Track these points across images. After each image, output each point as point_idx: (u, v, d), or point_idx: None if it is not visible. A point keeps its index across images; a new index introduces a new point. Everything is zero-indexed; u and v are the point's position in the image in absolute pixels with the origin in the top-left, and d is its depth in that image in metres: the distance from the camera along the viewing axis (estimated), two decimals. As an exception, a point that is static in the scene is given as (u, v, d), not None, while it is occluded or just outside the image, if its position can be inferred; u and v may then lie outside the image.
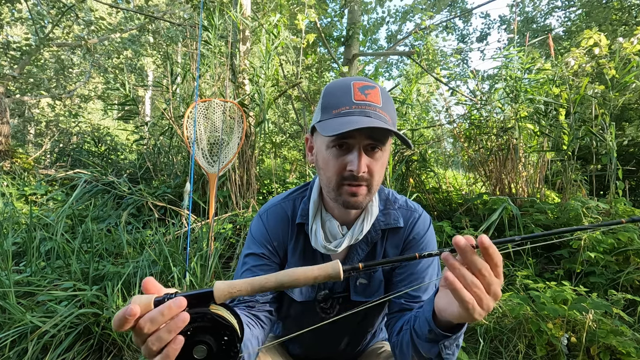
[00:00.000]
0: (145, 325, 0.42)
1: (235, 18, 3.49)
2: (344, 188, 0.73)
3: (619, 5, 6.58)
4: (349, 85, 0.72)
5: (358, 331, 0.95)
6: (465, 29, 11.25)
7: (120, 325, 0.42)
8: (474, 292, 0.49)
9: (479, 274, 0.50)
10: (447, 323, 0.59)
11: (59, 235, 2.32)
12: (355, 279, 0.85)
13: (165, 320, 0.43)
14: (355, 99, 0.70)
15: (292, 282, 0.49)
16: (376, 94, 0.71)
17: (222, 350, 0.48)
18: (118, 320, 0.42)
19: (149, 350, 0.43)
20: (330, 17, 7.84)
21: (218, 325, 0.47)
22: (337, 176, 0.72)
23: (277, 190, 3.78)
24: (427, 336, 0.63)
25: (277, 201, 0.91)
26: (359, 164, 0.69)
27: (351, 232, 0.80)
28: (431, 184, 3.95)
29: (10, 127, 5.29)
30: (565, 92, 3.09)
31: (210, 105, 2.94)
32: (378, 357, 0.95)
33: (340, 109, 0.70)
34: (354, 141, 0.70)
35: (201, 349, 0.47)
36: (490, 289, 0.50)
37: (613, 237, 2.25)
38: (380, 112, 0.70)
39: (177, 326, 0.43)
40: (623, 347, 1.50)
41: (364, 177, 0.71)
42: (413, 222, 0.86)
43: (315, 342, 0.96)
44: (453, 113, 4.17)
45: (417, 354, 0.68)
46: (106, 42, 6.58)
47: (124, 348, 1.73)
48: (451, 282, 0.50)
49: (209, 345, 0.47)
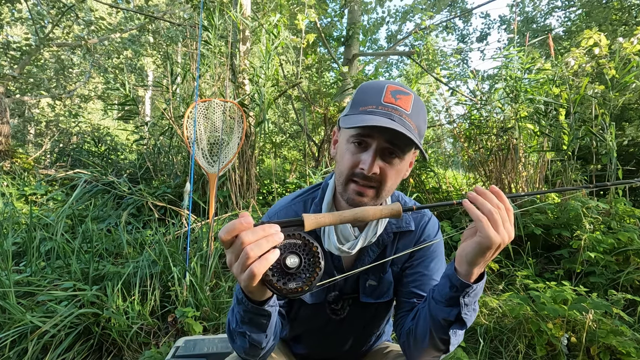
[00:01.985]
0: (247, 236, 0.49)
1: (235, 18, 3.49)
2: (352, 185, 0.73)
3: (619, 5, 6.58)
4: (383, 86, 0.71)
5: (364, 333, 0.96)
6: (465, 29, 11.24)
7: (229, 232, 0.49)
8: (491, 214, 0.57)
9: (496, 207, 0.58)
10: (468, 275, 0.63)
11: (59, 235, 2.32)
12: (365, 280, 0.85)
13: (264, 235, 0.50)
14: (384, 100, 0.69)
15: (364, 214, 0.58)
16: (407, 100, 0.70)
17: (309, 264, 0.55)
18: (231, 225, 0.50)
19: (247, 256, 0.49)
20: (330, 17, 7.84)
21: (307, 243, 0.55)
22: (349, 171, 0.72)
23: (277, 190, 3.78)
24: (448, 296, 0.65)
25: (287, 202, 0.90)
26: (370, 164, 0.69)
27: (364, 234, 0.80)
28: (431, 184, 3.95)
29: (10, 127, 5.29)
30: (565, 92, 3.09)
31: (210, 105, 2.94)
32: (385, 357, 0.96)
33: (367, 107, 0.70)
34: (372, 141, 0.70)
35: (294, 259, 0.54)
36: (504, 223, 0.58)
37: (613, 237, 2.25)
38: (407, 118, 0.69)
39: (274, 239, 0.50)
40: (623, 347, 1.50)
41: (374, 179, 0.71)
42: (423, 225, 0.88)
43: (321, 343, 0.97)
44: (453, 113, 4.17)
45: (436, 326, 0.69)
46: (106, 42, 6.58)
47: (124, 348, 1.73)
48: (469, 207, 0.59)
49: (300, 257, 0.54)
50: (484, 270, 0.64)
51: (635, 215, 2.51)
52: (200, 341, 1.40)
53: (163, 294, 2.07)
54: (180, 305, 1.95)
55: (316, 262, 0.54)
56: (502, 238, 0.57)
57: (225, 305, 2.04)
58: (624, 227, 2.38)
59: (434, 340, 0.70)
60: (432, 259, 0.85)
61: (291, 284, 0.53)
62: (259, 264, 0.49)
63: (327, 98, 4.54)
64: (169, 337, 1.83)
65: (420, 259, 0.85)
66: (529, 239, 2.56)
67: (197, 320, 1.84)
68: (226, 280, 2.22)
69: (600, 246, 2.18)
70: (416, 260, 0.85)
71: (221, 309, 2.01)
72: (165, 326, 1.91)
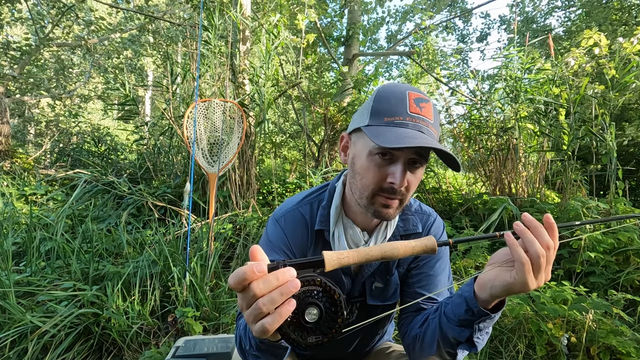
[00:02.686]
0: (258, 286, 0.44)
1: (235, 18, 3.49)
2: (379, 198, 0.71)
3: (619, 5, 6.58)
4: (404, 94, 0.69)
5: (369, 333, 0.96)
6: (465, 29, 11.24)
7: (240, 281, 0.44)
8: (537, 258, 0.51)
9: (545, 247, 0.51)
10: (487, 302, 0.59)
11: (59, 235, 2.32)
12: (372, 282, 0.85)
13: (277, 285, 0.44)
14: (410, 110, 0.67)
15: (393, 252, 0.52)
16: (429, 108, 0.69)
17: (330, 316, 0.49)
18: (241, 274, 0.44)
19: (259, 310, 0.44)
20: (330, 17, 7.84)
21: (328, 290, 0.48)
22: (376, 186, 0.70)
23: (277, 190, 3.78)
24: (462, 317, 0.63)
25: (293, 205, 0.88)
26: (402, 179, 0.67)
27: (374, 239, 0.80)
28: (431, 184, 3.95)
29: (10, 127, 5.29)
30: (565, 92, 3.09)
31: (210, 105, 2.94)
32: (387, 357, 0.96)
33: (394, 117, 0.67)
34: (401, 154, 0.68)
35: (313, 312, 0.48)
36: (547, 267, 0.52)
37: (613, 237, 2.25)
38: (431, 128, 0.68)
39: (290, 290, 0.44)
40: (623, 347, 1.50)
41: (401, 192, 0.70)
42: (429, 226, 0.88)
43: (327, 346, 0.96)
44: (453, 113, 4.17)
45: (444, 340, 0.67)
46: (106, 42, 6.58)
47: (124, 348, 1.73)
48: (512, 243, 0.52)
49: (320, 309, 0.48)
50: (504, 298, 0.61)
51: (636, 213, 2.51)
52: (200, 341, 1.40)
53: (163, 294, 2.07)
54: (180, 305, 1.95)
55: (338, 311, 0.49)
56: (539, 284, 0.52)
57: (226, 306, 2.04)
58: (624, 227, 2.37)
59: (441, 352, 0.70)
60: (438, 259, 0.85)
61: (310, 338, 0.48)
62: (272, 320, 0.44)
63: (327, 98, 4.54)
64: (169, 337, 1.83)
65: (425, 260, 0.85)
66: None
67: (197, 320, 1.84)
68: (226, 280, 2.22)
69: (600, 246, 2.18)
70: (422, 260, 0.85)
71: (221, 309, 2.01)
72: (165, 326, 1.91)
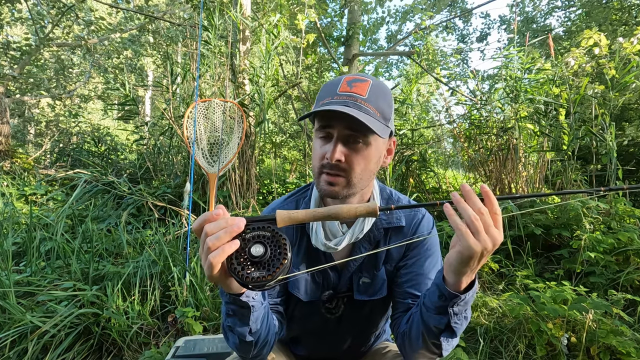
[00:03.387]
0: (209, 227, 0.52)
1: (235, 18, 3.49)
2: (323, 176, 0.74)
3: (619, 5, 6.58)
4: (340, 79, 0.74)
5: (362, 332, 0.95)
6: (465, 29, 11.25)
7: (200, 222, 0.53)
8: (471, 222, 0.54)
9: (479, 213, 0.54)
10: (454, 285, 0.61)
11: (59, 235, 2.32)
12: (359, 277, 0.85)
13: (224, 226, 0.52)
14: (339, 90, 0.72)
15: (337, 212, 0.58)
16: (364, 86, 0.72)
17: (274, 255, 0.55)
18: (202, 217, 0.53)
19: (206, 246, 0.51)
20: (330, 17, 7.83)
21: (275, 235, 0.56)
22: (318, 163, 0.75)
23: (277, 190, 3.78)
24: (437, 304, 0.64)
25: (280, 202, 0.91)
26: (332, 152, 0.70)
27: (351, 231, 0.80)
28: (431, 184, 3.95)
29: (10, 127, 5.29)
30: (565, 92, 3.09)
31: (210, 105, 2.94)
32: (383, 357, 0.95)
33: (325, 99, 0.72)
34: (333, 130, 0.71)
35: (258, 248, 0.54)
36: (488, 230, 0.54)
37: (613, 237, 2.25)
38: (363, 103, 0.70)
39: (233, 230, 0.52)
40: (623, 347, 1.50)
41: (340, 167, 0.72)
42: (417, 222, 0.86)
43: (320, 343, 0.96)
44: (453, 113, 4.17)
45: (427, 331, 0.68)
46: (106, 42, 6.58)
47: (124, 348, 1.73)
48: (449, 213, 0.55)
49: (265, 247, 0.55)
50: (474, 279, 0.62)
51: (635, 215, 2.51)
52: (200, 341, 1.40)
53: (163, 294, 2.07)
54: (180, 305, 1.95)
55: (282, 253, 0.54)
56: (485, 245, 0.53)
57: (225, 305, 2.03)
58: (624, 227, 2.38)
59: (427, 344, 0.70)
60: (427, 258, 0.84)
61: (254, 273, 0.53)
62: (216, 254, 0.50)
63: (327, 98, 4.53)
64: (169, 337, 1.83)
65: (414, 258, 0.84)
66: (529, 239, 2.56)
67: (197, 320, 1.84)
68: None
69: (600, 246, 2.18)
70: (410, 259, 0.84)
71: (221, 309, 2.01)
72: (165, 326, 1.91)
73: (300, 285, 0.85)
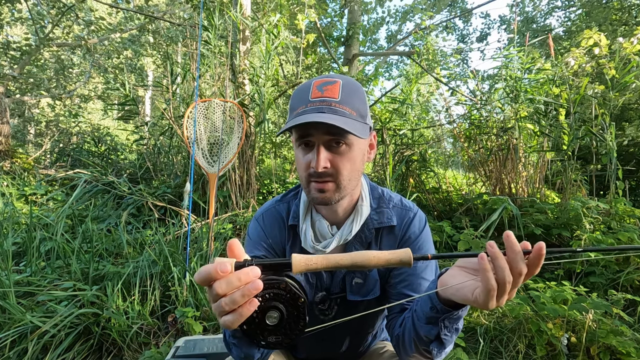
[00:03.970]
0: (220, 286, 0.45)
1: (235, 18, 3.49)
2: (312, 184, 0.74)
3: (619, 5, 6.58)
4: (310, 84, 0.73)
5: (359, 332, 0.95)
6: (465, 29, 11.26)
7: (204, 280, 0.45)
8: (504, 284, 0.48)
9: (516, 275, 0.49)
10: (450, 301, 0.59)
11: (59, 235, 2.32)
12: (352, 278, 0.84)
13: (240, 286, 0.45)
14: (311, 97, 0.71)
15: (364, 262, 0.50)
16: (334, 88, 0.71)
17: (292, 319, 0.49)
18: (205, 273, 0.45)
19: (221, 309, 0.46)
20: (330, 17, 7.84)
21: (292, 295, 0.49)
22: (305, 173, 0.74)
23: (277, 190, 3.78)
24: (428, 315, 0.63)
25: (272, 204, 0.91)
26: (317, 160, 0.70)
27: (340, 233, 0.80)
28: (431, 184, 3.95)
29: (10, 127, 5.29)
30: (565, 92, 3.09)
31: (210, 105, 2.94)
32: (380, 357, 0.95)
33: (299, 108, 0.71)
34: (314, 138, 0.71)
35: (273, 315, 0.48)
36: (512, 290, 0.50)
37: (613, 237, 2.25)
38: (337, 106, 0.69)
39: (251, 292, 0.45)
40: (623, 347, 1.51)
41: (327, 173, 0.71)
42: (408, 221, 0.85)
43: (317, 345, 0.96)
44: (453, 113, 4.17)
45: (418, 339, 0.68)
46: (106, 42, 6.57)
47: (124, 348, 1.73)
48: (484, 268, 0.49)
49: (281, 312, 0.49)
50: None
51: (635, 215, 2.51)
52: (200, 341, 1.40)
53: (163, 294, 2.07)
54: (180, 305, 1.95)
55: (299, 316, 0.49)
56: (500, 304, 0.50)
57: (225, 305, 2.03)
58: (624, 227, 2.38)
59: (419, 350, 0.70)
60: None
61: (270, 338, 0.49)
62: (233, 318, 0.46)
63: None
64: (169, 337, 1.83)
65: None
66: (529, 239, 2.55)
67: (197, 320, 1.84)
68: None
69: (600, 246, 2.18)
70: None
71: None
72: (165, 326, 1.91)
73: None
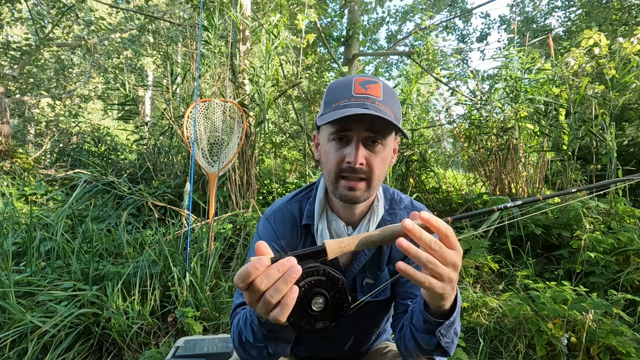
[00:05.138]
0: (262, 281, 0.46)
1: (235, 18, 3.49)
2: (342, 182, 0.73)
3: (619, 5, 6.58)
4: (351, 80, 0.73)
5: (364, 331, 0.95)
6: (465, 29, 11.24)
7: (244, 278, 0.46)
8: (429, 269, 0.49)
9: (430, 250, 0.50)
10: (437, 310, 0.60)
11: (59, 235, 2.32)
12: (362, 278, 0.84)
13: (279, 276, 0.46)
14: (355, 92, 0.71)
15: (393, 235, 0.51)
16: (377, 88, 0.71)
17: (336, 302, 0.50)
18: (245, 272, 0.46)
19: (267, 302, 0.46)
20: (330, 17, 7.83)
21: (332, 279, 0.50)
22: (336, 168, 0.72)
23: (277, 190, 3.78)
24: (424, 327, 0.64)
25: (283, 203, 0.90)
26: (356, 155, 0.69)
27: (356, 233, 0.80)
28: (431, 184, 3.95)
29: (10, 127, 5.29)
30: (565, 92, 3.09)
31: (210, 105, 2.94)
32: (383, 357, 0.95)
33: (340, 102, 0.71)
34: (353, 133, 0.70)
35: (319, 301, 0.49)
36: (446, 260, 0.50)
37: (613, 237, 2.25)
38: (380, 105, 0.70)
39: (292, 277, 0.46)
40: (623, 347, 1.50)
41: (362, 170, 0.71)
42: None
43: (321, 344, 0.96)
44: (453, 113, 4.17)
45: (419, 348, 0.68)
46: (106, 42, 6.57)
47: (124, 348, 1.73)
48: (403, 270, 0.50)
49: (325, 297, 0.50)
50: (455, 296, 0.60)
51: (635, 215, 2.51)
52: (200, 341, 1.40)
53: (163, 294, 2.07)
54: (180, 305, 1.95)
55: (342, 298, 0.50)
56: (449, 276, 0.50)
57: (226, 305, 2.04)
58: (624, 227, 2.37)
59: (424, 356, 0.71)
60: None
61: (318, 324, 0.50)
62: (280, 310, 0.46)
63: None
64: (169, 337, 1.83)
65: None
66: (529, 239, 2.56)
67: (197, 320, 1.84)
68: (226, 280, 2.22)
69: (600, 246, 2.18)
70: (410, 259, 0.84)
71: (221, 309, 2.01)
72: (165, 326, 1.91)
73: None
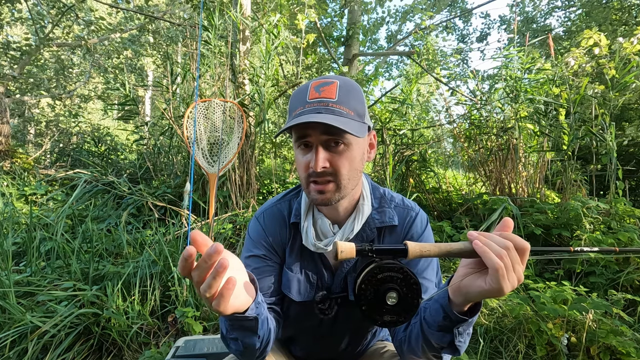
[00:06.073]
0: (195, 275, 0.47)
1: (235, 18, 3.49)
2: (312, 186, 0.74)
3: (619, 5, 6.58)
4: (307, 86, 0.74)
5: (359, 332, 0.94)
6: (465, 29, 11.24)
7: (183, 269, 0.47)
8: (502, 259, 0.51)
9: (504, 248, 0.52)
10: (462, 305, 0.59)
11: (59, 235, 2.32)
12: (353, 278, 0.84)
13: (209, 267, 0.46)
14: (309, 98, 0.72)
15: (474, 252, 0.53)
16: (331, 89, 0.72)
17: (408, 299, 0.54)
18: (181, 266, 0.47)
19: (205, 297, 0.48)
20: (330, 17, 7.84)
21: (407, 277, 0.54)
22: (305, 173, 0.74)
23: (277, 190, 3.78)
24: (441, 323, 0.63)
25: (272, 203, 0.91)
26: (316, 160, 0.70)
27: (342, 231, 0.81)
28: (431, 184, 3.95)
29: (10, 127, 5.29)
30: (565, 92, 3.09)
31: (210, 105, 2.94)
32: (380, 357, 0.94)
33: (297, 110, 0.72)
34: (312, 139, 0.71)
35: (393, 296, 0.53)
36: (514, 267, 0.52)
37: (613, 237, 2.25)
38: (335, 106, 0.70)
39: (220, 271, 0.46)
40: (623, 347, 1.51)
41: (327, 173, 0.72)
42: (410, 220, 0.85)
43: (316, 343, 0.96)
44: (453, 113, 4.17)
45: (428, 345, 0.67)
46: (106, 42, 6.57)
47: (124, 348, 1.73)
48: (481, 247, 0.52)
49: (399, 293, 0.53)
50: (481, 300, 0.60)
51: (635, 215, 2.51)
52: (200, 341, 1.40)
53: (163, 294, 2.07)
54: (180, 305, 1.95)
55: (414, 296, 0.54)
56: (513, 286, 0.52)
57: (225, 305, 2.03)
58: (624, 227, 2.38)
59: (427, 355, 0.70)
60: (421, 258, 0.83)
61: (386, 317, 0.53)
62: (218, 303, 0.48)
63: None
64: (169, 337, 1.83)
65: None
66: (529, 239, 2.56)
67: (197, 320, 1.84)
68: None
69: (600, 246, 2.18)
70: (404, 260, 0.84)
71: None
72: (165, 326, 1.91)
73: (292, 285, 0.85)
